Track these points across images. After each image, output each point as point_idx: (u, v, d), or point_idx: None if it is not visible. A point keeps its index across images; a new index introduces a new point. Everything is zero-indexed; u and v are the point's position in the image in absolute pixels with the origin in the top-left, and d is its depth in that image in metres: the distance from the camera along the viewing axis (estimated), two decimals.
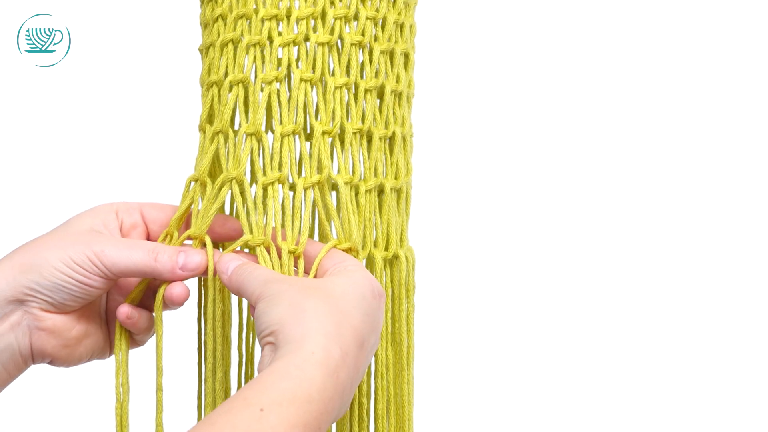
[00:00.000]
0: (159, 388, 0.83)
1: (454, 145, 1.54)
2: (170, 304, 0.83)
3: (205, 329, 0.84)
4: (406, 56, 0.90)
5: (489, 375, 1.53)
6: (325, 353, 0.71)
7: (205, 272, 0.83)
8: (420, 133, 0.96)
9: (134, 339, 0.85)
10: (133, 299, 0.84)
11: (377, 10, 0.87)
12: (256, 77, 0.84)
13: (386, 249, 0.87)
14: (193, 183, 0.85)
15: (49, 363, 0.83)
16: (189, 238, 0.85)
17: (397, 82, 0.89)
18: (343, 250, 0.83)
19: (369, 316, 0.76)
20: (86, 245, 0.79)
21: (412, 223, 0.92)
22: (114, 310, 0.85)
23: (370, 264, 0.87)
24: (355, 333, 0.74)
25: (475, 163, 1.55)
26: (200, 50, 0.89)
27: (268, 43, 0.84)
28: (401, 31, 0.89)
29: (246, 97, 0.85)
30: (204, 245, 0.84)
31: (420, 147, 0.96)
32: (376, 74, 0.87)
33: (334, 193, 0.86)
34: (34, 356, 0.81)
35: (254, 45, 0.84)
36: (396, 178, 0.88)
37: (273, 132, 0.85)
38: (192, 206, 0.85)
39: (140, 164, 1.49)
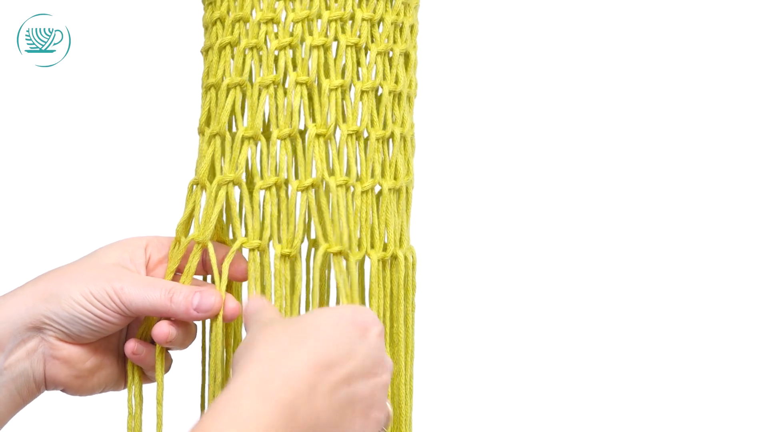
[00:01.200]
0: (159, 402, 0.84)
1: (456, 145, 1.54)
2: (157, 342, 0.83)
3: (210, 334, 0.84)
4: (407, 56, 0.90)
5: (488, 376, 1.53)
6: (260, 378, 0.69)
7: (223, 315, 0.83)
8: (422, 132, 0.96)
9: (145, 375, 0.85)
10: (142, 334, 0.84)
11: (374, 11, 0.87)
12: (253, 80, 0.85)
13: (384, 250, 0.87)
14: (194, 187, 0.85)
15: (62, 391, 0.83)
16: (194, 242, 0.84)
17: (396, 82, 0.88)
18: (334, 253, 0.82)
19: (339, 342, 0.73)
20: (108, 281, 0.79)
21: (414, 223, 0.92)
22: None
23: (363, 265, 0.87)
24: (310, 356, 0.71)
25: (477, 163, 1.55)
26: (202, 52, 0.89)
27: (265, 46, 0.85)
28: (401, 31, 0.89)
29: (243, 100, 0.85)
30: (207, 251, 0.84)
31: (422, 146, 0.96)
32: (374, 75, 0.87)
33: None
34: (47, 384, 0.81)
35: (251, 48, 0.85)
36: (395, 179, 0.88)
37: (270, 135, 0.85)
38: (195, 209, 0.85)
39: (140, 165, 1.49)
